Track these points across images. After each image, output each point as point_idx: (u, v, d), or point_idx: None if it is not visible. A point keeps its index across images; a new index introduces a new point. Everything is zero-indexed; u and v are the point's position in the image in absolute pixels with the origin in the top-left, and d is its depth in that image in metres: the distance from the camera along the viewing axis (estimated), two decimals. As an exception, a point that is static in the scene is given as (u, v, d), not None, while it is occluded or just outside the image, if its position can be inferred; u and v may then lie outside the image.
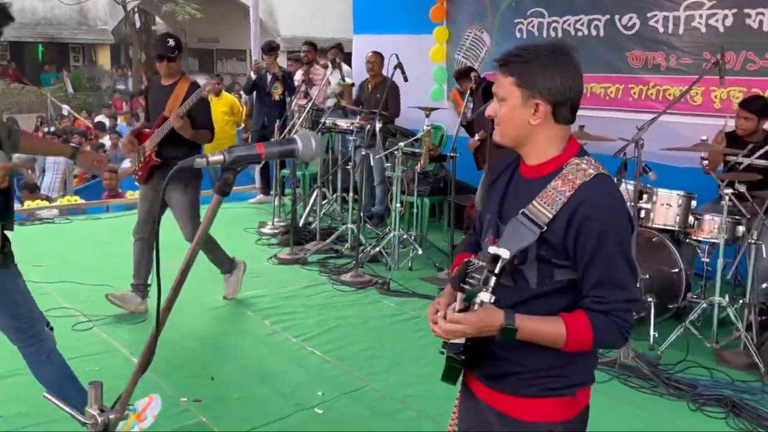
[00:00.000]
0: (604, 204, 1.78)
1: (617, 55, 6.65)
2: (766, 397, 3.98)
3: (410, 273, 6.20)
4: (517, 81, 1.82)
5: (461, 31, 8.25)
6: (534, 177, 1.88)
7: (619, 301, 1.76)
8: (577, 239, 1.77)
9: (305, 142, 1.44)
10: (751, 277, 4.55)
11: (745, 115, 5.11)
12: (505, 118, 1.87)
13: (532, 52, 1.82)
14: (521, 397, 1.90)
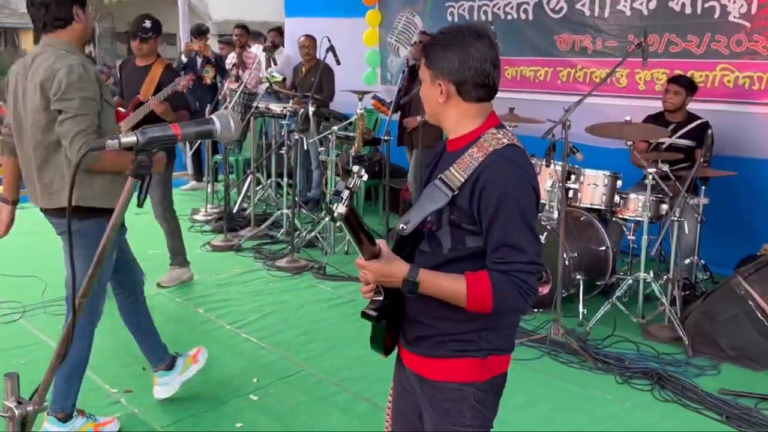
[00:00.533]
0: (504, 170, 1.83)
1: (546, 39, 6.76)
2: (689, 369, 4.13)
3: (346, 257, 6.19)
4: (426, 62, 1.94)
5: (393, 14, 8.25)
6: (454, 150, 1.95)
7: (517, 263, 1.79)
8: (479, 203, 1.82)
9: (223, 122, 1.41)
10: (674, 253, 4.71)
11: (675, 89, 5.27)
12: (423, 96, 2.01)
13: (441, 35, 1.92)
14: (433, 358, 1.97)
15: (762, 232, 5.13)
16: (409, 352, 2.03)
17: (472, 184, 1.83)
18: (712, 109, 5.56)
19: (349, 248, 6.32)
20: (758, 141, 5.25)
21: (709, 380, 4.00)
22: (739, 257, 5.08)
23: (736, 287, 4.22)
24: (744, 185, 5.32)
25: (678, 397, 3.81)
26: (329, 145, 6.22)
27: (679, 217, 4.66)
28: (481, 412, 1.98)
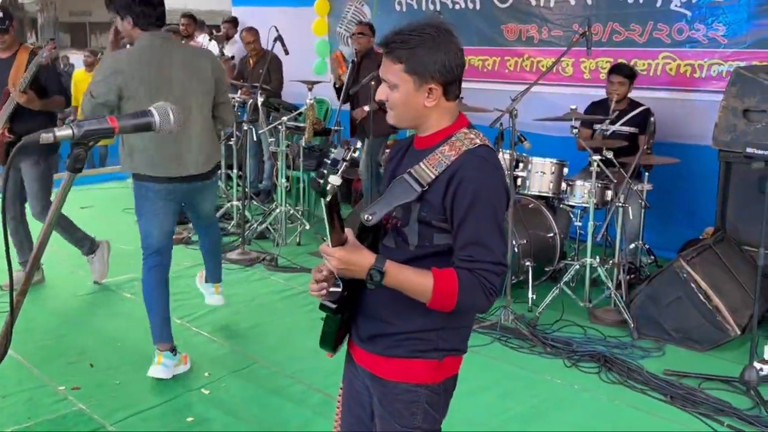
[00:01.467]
0: (481, 169, 1.83)
1: (493, 28, 6.82)
2: (635, 351, 4.24)
3: (298, 248, 6.17)
4: (407, 68, 1.83)
5: (342, 3, 8.21)
6: (424, 147, 1.92)
7: (485, 261, 1.79)
8: (453, 199, 1.80)
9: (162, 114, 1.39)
10: (620, 239, 4.81)
11: (619, 79, 5.37)
12: (399, 103, 1.88)
13: (417, 36, 1.82)
14: (389, 357, 1.94)
15: (704, 216, 5.27)
16: (363, 350, 2.00)
17: (446, 181, 1.81)
18: (654, 96, 5.69)
19: (302, 240, 6.30)
20: (699, 128, 5.38)
21: (654, 362, 4.11)
22: (682, 241, 5.23)
23: (678, 271, 4.33)
24: (686, 171, 5.46)
25: (624, 378, 3.91)
26: (279, 135, 6.17)
27: (623, 203, 4.76)
28: (432, 414, 1.97)
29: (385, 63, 1.87)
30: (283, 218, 6.28)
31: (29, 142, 1.25)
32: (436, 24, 1.86)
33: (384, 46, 1.85)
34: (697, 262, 4.40)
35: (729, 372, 3.88)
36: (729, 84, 4.67)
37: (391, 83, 1.87)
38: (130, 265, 5.61)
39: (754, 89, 4.48)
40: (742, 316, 4.27)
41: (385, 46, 1.85)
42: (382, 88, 1.91)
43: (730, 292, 4.36)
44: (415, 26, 1.84)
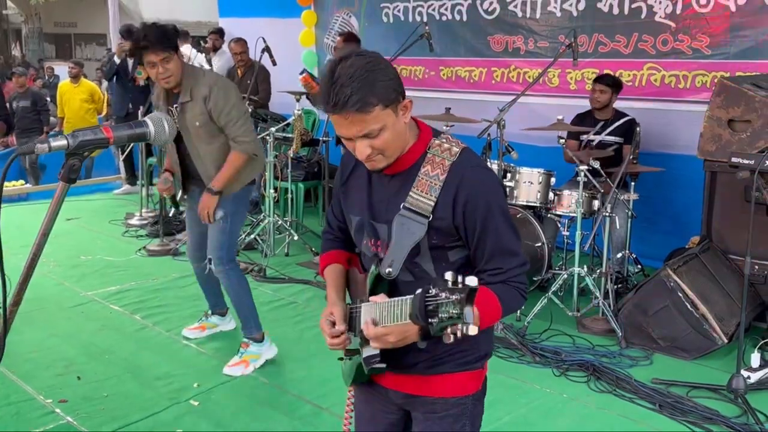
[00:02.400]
0: (481, 177, 1.81)
1: (480, 39, 6.86)
2: (623, 360, 4.26)
3: (287, 259, 6.16)
4: (383, 104, 1.70)
5: (329, 15, 8.24)
6: (399, 171, 1.85)
7: (514, 267, 1.79)
8: (465, 217, 1.78)
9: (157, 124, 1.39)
10: (607, 248, 4.84)
11: (601, 88, 5.44)
12: (390, 140, 1.76)
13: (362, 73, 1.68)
14: (433, 375, 1.91)
15: (689, 225, 5.31)
16: (398, 374, 1.94)
17: (451, 204, 1.77)
18: (640, 107, 5.74)
19: (290, 250, 6.29)
20: (684, 138, 5.43)
21: (642, 370, 4.13)
22: (668, 250, 5.26)
23: (665, 279, 4.36)
24: (671, 181, 5.51)
25: (613, 387, 3.92)
26: (267, 146, 6.17)
27: (610, 213, 4.79)
28: (478, 417, 1.99)
29: (354, 120, 1.69)
30: (272, 229, 6.27)
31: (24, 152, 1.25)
32: (354, 53, 1.74)
33: (340, 108, 1.68)
34: (684, 271, 4.43)
35: (716, 380, 3.90)
36: (713, 94, 4.72)
37: (374, 131, 1.72)
38: (117, 278, 5.61)
39: (738, 99, 4.53)
40: (729, 324, 4.30)
41: (341, 107, 1.68)
42: (362, 145, 1.75)
43: (716, 300, 4.39)
44: (349, 66, 1.69)
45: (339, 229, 2.15)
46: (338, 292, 2.02)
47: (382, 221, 1.88)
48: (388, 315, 1.73)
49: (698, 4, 5.48)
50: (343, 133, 1.75)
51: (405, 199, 1.80)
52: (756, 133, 4.42)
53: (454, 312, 1.48)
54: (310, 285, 5.51)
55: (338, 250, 2.14)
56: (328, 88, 1.69)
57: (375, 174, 1.89)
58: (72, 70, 10.12)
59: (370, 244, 1.94)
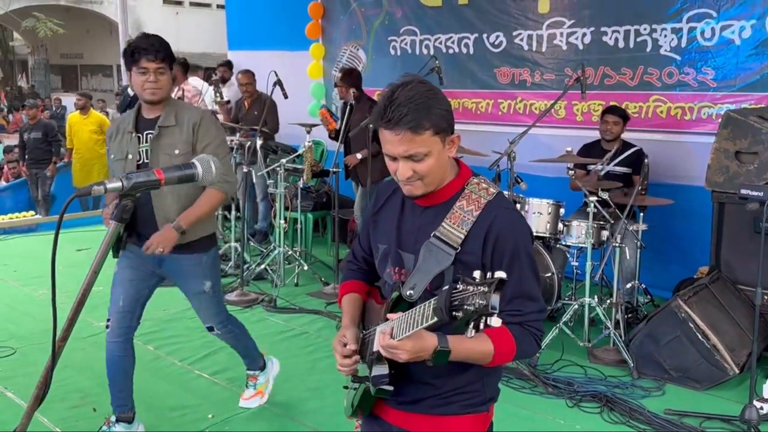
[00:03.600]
0: (514, 220, 1.85)
1: (486, 72, 6.96)
2: (636, 391, 4.27)
3: (297, 289, 6.19)
4: (435, 130, 1.78)
5: (337, 47, 8.36)
6: (435, 203, 1.89)
7: (533, 312, 1.82)
8: (493, 255, 1.81)
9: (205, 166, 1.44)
10: (617, 278, 4.87)
11: (614, 119, 5.51)
12: (433, 169, 1.82)
13: (420, 97, 1.76)
14: (440, 416, 1.91)
15: (698, 255, 5.35)
16: (404, 411, 1.96)
17: (482, 238, 1.80)
18: (647, 138, 5.81)
19: (299, 280, 6.32)
20: (691, 168, 5.49)
21: (655, 401, 4.13)
22: (676, 281, 5.29)
23: (677, 310, 4.38)
24: (680, 211, 5.55)
25: (626, 418, 3.93)
26: (277, 177, 6.24)
27: (620, 243, 4.83)
28: None
29: (404, 139, 1.76)
30: (281, 259, 6.31)
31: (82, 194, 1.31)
32: (417, 80, 1.83)
33: (394, 124, 1.75)
34: (694, 301, 4.46)
35: (728, 411, 3.91)
36: (720, 126, 4.79)
37: (420, 154, 1.78)
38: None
39: (745, 131, 4.59)
40: (740, 354, 4.32)
41: (395, 123, 1.75)
42: (405, 167, 1.80)
43: (727, 331, 4.42)
44: (410, 90, 1.78)
45: (363, 260, 2.18)
46: (353, 319, 2.04)
47: (409, 251, 1.91)
48: (406, 324, 1.71)
49: (703, 37, 5.57)
50: (390, 151, 1.80)
51: (437, 229, 1.84)
52: (763, 165, 4.48)
53: (480, 303, 1.48)
54: (321, 315, 5.54)
55: (358, 281, 2.17)
56: (386, 105, 1.76)
57: (409, 204, 1.93)
58: (79, 102, 10.20)
59: (393, 272, 1.96)
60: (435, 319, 1.61)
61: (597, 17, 6.17)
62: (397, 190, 2.01)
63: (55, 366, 1.36)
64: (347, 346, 1.92)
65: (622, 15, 6.00)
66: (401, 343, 1.71)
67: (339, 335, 1.97)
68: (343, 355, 1.91)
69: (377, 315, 1.99)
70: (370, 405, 1.97)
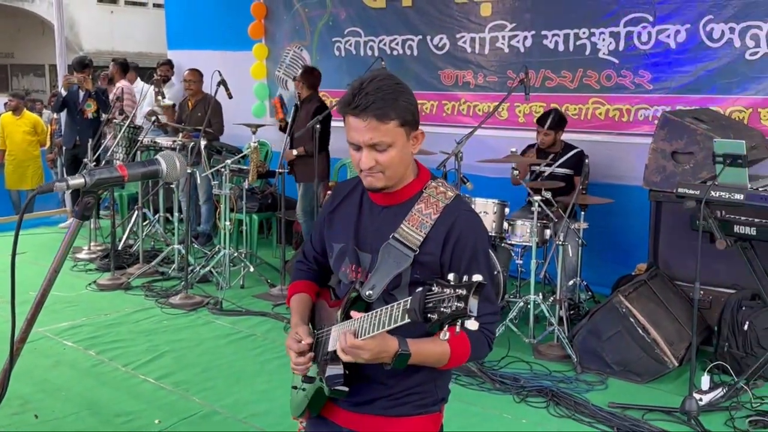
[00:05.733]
0: (474, 222, 1.88)
1: (431, 73, 7.03)
2: (580, 385, 4.37)
3: (242, 291, 6.13)
4: (401, 121, 1.79)
5: (280, 48, 8.31)
6: (394, 203, 1.91)
7: (488, 314, 1.82)
8: (452, 256, 1.83)
9: (169, 162, 1.42)
10: (560, 276, 4.99)
11: (544, 131, 5.63)
12: (395, 161, 1.83)
13: (389, 87, 1.79)
14: (392, 417, 1.92)
15: (636, 252, 5.51)
16: (356, 413, 1.95)
17: (442, 240, 1.82)
18: (587, 139, 5.96)
19: (245, 282, 6.26)
20: (630, 168, 5.66)
21: (598, 395, 4.24)
22: (615, 277, 5.44)
23: (618, 306, 4.51)
24: (619, 210, 5.71)
25: (571, 412, 4.02)
26: (222, 178, 6.16)
27: (563, 241, 4.94)
28: None
29: (370, 126, 1.77)
30: (227, 261, 6.23)
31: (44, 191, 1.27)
32: (386, 74, 1.87)
33: (361, 110, 1.76)
34: (635, 297, 4.59)
35: (669, 403, 4.04)
36: (657, 127, 4.94)
37: (384, 144, 1.79)
38: (68, 313, 5.50)
39: (681, 132, 4.75)
40: (679, 348, 4.46)
41: (362, 110, 1.76)
42: (369, 156, 1.81)
43: (666, 325, 4.56)
44: (379, 81, 1.79)
45: (314, 261, 2.17)
46: (303, 318, 2.03)
47: (367, 250, 1.92)
48: (370, 325, 1.70)
49: (640, 41, 5.75)
50: (354, 138, 1.80)
51: (395, 230, 1.85)
52: (699, 165, 4.65)
53: (458, 306, 1.47)
54: (268, 317, 5.49)
55: (308, 282, 2.15)
56: (354, 93, 1.78)
57: (367, 204, 1.94)
58: (11, 103, 9.84)
59: (350, 270, 1.95)
60: (405, 320, 1.60)
61: (537, 21, 6.30)
62: (355, 189, 2.01)
63: (12, 368, 1.32)
64: (302, 341, 1.90)
65: (562, 19, 6.15)
66: (365, 343, 1.70)
67: (291, 333, 1.95)
68: (299, 352, 1.90)
69: (329, 315, 1.98)
70: (321, 406, 1.96)
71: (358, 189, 2.00)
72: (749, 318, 4.37)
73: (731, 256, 4.09)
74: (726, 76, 5.41)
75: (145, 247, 6.99)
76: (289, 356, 1.97)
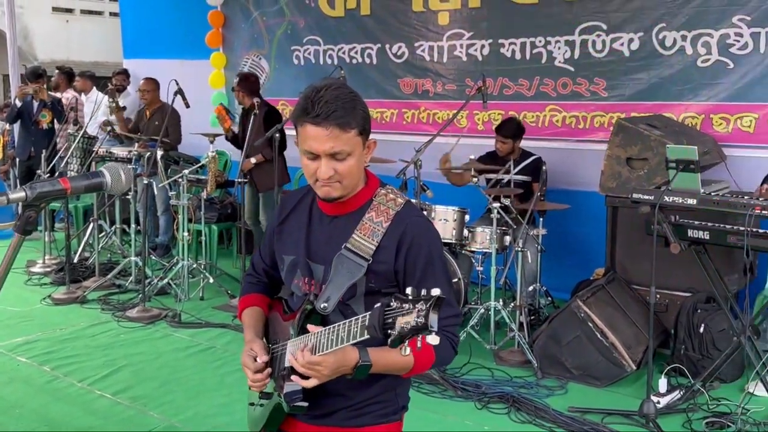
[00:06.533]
0: (426, 227, 1.87)
1: (390, 82, 7.05)
2: (540, 390, 4.39)
3: (202, 303, 6.05)
4: (359, 130, 1.78)
5: (239, 57, 8.26)
6: (344, 213, 1.89)
7: (449, 317, 1.81)
8: (406, 262, 1.82)
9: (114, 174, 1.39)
10: (520, 282, 5.02)
11: (501, 139, 5.68)
12: (353, 170, 1.81)
13: (346, 96, 1.77)
14: (353, 428, 1.90)
15: (594, 257, 5.58)
16: (316, 426, 1.93)
17: (395, 248, 1.81)
18: (544, 146, 6.02)
19: (205, 294, 6.18)
20: (586, 175, 5.72)
21: (559, 399, 4.27)
22: (574, 282, 5.50)
23: (576, 310, 4.56)
24: (576, 216, 5.77)
25: (532, 417, 4.04)
26: (179, 189, 6.08)
27: (522, 248, 4.98)
28: None
29: (332, 135, 1.74)
30: (185, 273, 6.14)
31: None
32: (339, 83, 1.86)
33: (323, 119, 1.72)
34: (593, 301, 4.64)
35: (628, 406, 4.08)
36: (612, 134, 5.02)
37: (344, 153, 1.77)
38: (22, 328, 5.38)
39: (635, 139, 4.83)
40: (636, 351, 4.52)
41: (324, 118, 1.72)
42: (328, 166, 1.77)
43: (623, 329, 4.62)
44: (335, 90, 1.77)
45: (264, 273, 2.14)
46: (257, 333, 2.00)
47: (319, 261, 1.89)
48: (328, 340, 1.67)
49: (594, 49, 5.84)
50: (313, 148, 1.76)
51: (347, 240, 1.83)
52: (653, 170, 4.72)
53: (418, 321, 1.45)
54: (227, 328, 5.43)
55: (259, 294, 2.12)
56: (311, 101, 1.74)
57: (317, 214, 1.92)
58: None
59: (302, 282, 1.93)
60: (365, 337, 1.58)
61: (494, 30, 6.35)
62: (303, 200, 1.98)
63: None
64: (258, 359, 1.87)
65: (518, 28, 6.21)
66: (323, 359, 1.68)
67: (246, 350, 1.92)
68: (255, 370, 1.87)
69: (283, 329, 1.95)
70: (279, 422, 1.93)
71: (306, 200, 1.97)
72: (704, 321, 4.45)
73: (687, 259, 4.16)
74: (679, 83, 5.52)
75: (102, 259, 6.87)
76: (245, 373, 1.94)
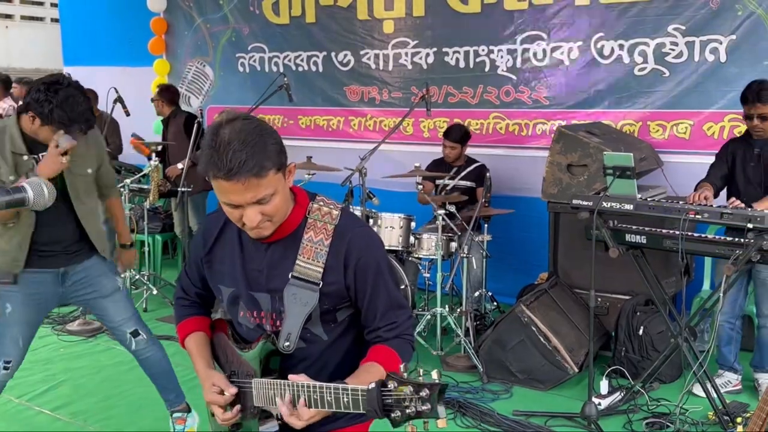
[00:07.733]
0: (368, 238, 1.86)
1: (336, 89, 7.04)
2: (486, 395, 4.44)
3: (146, 314, 5.91)
4: (276, 168, 1.68)
5: (182, 64, 8.16)
6: (279, 238, 1.82)
7: (405, 320, 1.85)
8: (356, 278, 1.80)
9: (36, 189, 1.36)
10: (465, 287, 5.07)
11: (450, 145, 5.74)
12: (280, 206, 1.74)
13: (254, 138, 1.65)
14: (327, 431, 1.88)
15: (538, 262, 5.67)
16: None
17: (342, 266, 1.78)
18: (488, 153, 6.10)
19: (148, 305, 6.07)
20: (530, 181, 5.81)
21: (504, 403, 4.33)
22: (519, 287, 5.58)
23: (520, 315, 4.62)
24: (520, 221, 5.87)
25: (478, 422, 4.08)
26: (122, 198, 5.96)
27: (467, 254, 5.03)
28: None
29: (249, 186, 1.64)
30: (128, 283, 6.02)
31: None
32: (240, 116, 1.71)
33: (235, 173, 1.61)
34: (536, 306, 4.72)
35: (570, 408, 4.16)
36: (553, 141, 5.11)
37: (268, 196, 1.68)
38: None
39: (575, 146, 4.93)
40: (578, 354, 4.61)
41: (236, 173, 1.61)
42: (253, 212, 1.68)
43: (566, 333, 4.70)
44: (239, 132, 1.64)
45: (196, 295, 2.09)
46: (209, 363, 1.96)
47: (262, 290, 1.85)
48: (321, 399, 1.63)
49: (536, 58, 5.94)
50: (233, 200, 1.67)
51: (291, 267, 1.78)
52: (592, 177, 4.83)
53: (424, 408, 1.45)
54: (172, 340, 5.32)
55: (198, 317, 2.08)
56: (217, 153, 1.62)
57: (248, 241, 1.84)
58: None
59: (250, 315, 1.89)
60: (359, 411, 1.57)
61: (438, 38, 6.41)
62: (228, 225, 1.88)
63: None
64: (225, 392, 1.83)
65: (461, 37, 6.28)
66: (318, 412, 1.66)
67: (206, 386, 1.87)
68: (224, 404, 1.83)
69: (238, 359, 1.90)
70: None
71: (231, 225, 1.84)
72: (643, 323, 4.56)
73: (625, 263, 4.25)
74: (617, 91, 5.65)
75: (42, 271, 6.69)
76: (210, 410, 1.90)
